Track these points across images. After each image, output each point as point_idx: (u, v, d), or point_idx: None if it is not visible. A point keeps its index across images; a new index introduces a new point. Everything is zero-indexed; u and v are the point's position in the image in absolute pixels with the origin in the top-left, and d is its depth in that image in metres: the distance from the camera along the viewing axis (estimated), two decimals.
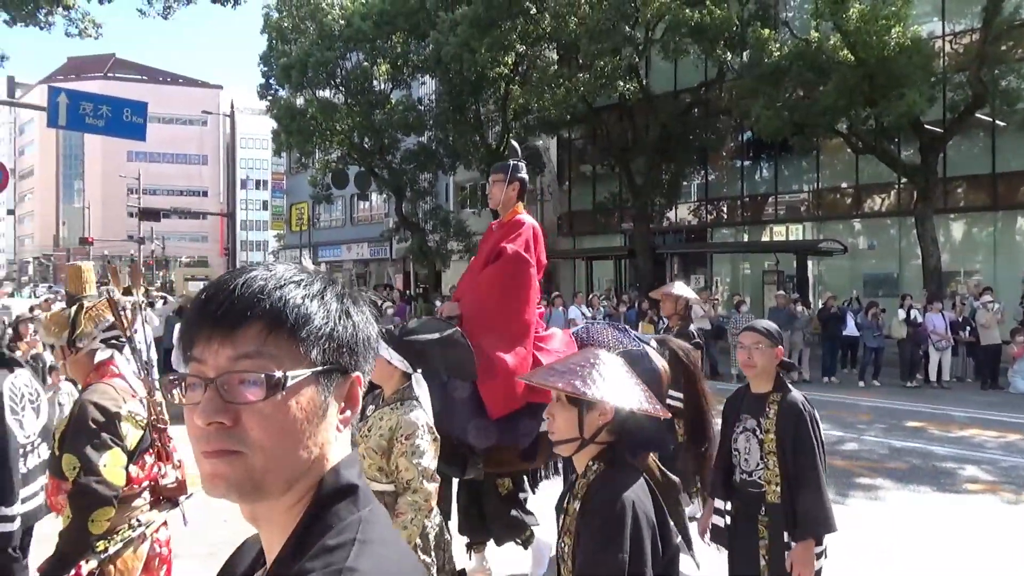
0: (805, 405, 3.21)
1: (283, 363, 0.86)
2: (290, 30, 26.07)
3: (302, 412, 0.86)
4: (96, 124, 16.81)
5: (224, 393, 0.84)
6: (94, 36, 19.58)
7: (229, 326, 0.85)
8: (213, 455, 0.84)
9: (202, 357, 0.86)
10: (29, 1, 16.41)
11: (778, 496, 3.19)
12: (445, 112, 25.17)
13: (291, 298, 0.87)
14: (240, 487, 0.84)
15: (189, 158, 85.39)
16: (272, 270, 0.90)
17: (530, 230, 4.46)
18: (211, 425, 0.84)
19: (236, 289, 0.87)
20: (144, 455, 2.80)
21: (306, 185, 32.16)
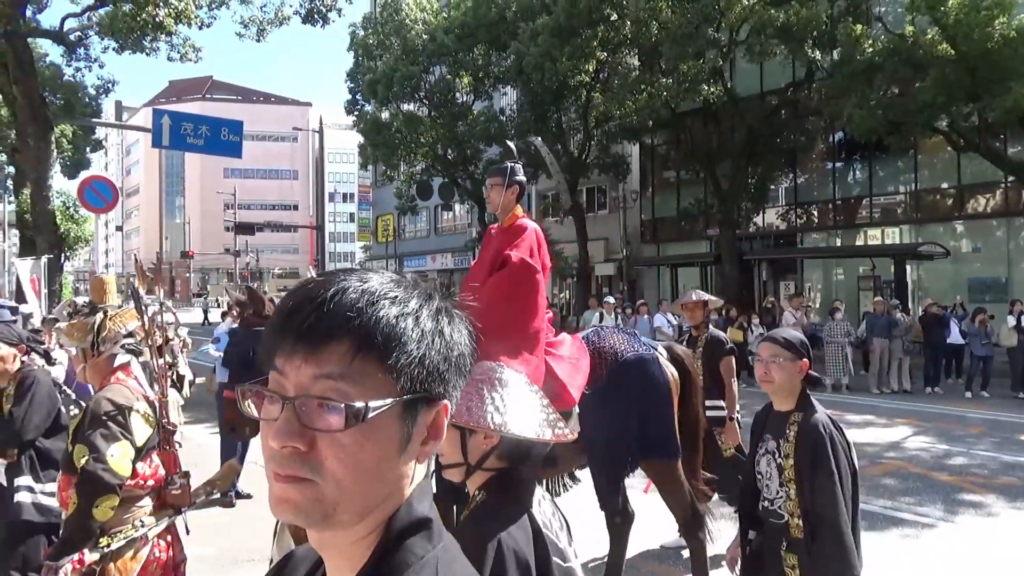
0: (827, 427, 2.82)
1: (367, 389, 0.79)
2: (376, 47, 26.77)
3: (382, 444, 0.80)
4: (196, 143, 17.65)
5: (302, 415, 0.78)
6: (194, 60, 20.66)
7: (314, 342, 0.78)
8: (284, 479, 0.78)
9: (284, 370, 0.80)
10: (136, 29, 17.41)
11: (801, 530, 2.85)
12: (526, 122, 25.31)
13: (383, 317, 0.80)
14: (309, 516, 0.79)
15: (281, 173, 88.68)
16: (366, 282, 0.82)
17: (532, 234, 4.32)
18: (285, 448, 0.78)
19: (326, 302, 0.80)
20: (152, 453, 2.88)
21: (391, 197, 32.90)
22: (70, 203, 30.13)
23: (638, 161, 27.76)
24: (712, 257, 23.97)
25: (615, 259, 27.98)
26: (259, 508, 6.67)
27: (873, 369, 14.52)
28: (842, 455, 2.80)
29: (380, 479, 0.81)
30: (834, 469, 2.75)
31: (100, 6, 18.01)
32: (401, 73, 24.71)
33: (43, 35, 18.78)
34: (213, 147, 17.95)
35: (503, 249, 4.23)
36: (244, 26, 19.64)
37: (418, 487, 0.87)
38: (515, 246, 4.24)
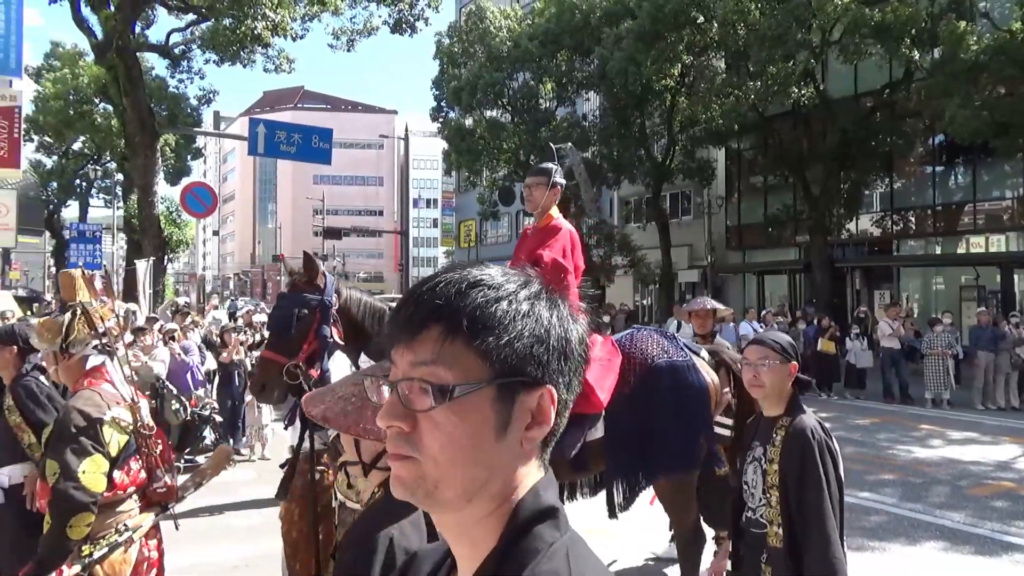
0: (816, 431, 2.68)
1: (459, 372, 0.82)
2: (460, 54, 27.18)
3: (476, 426, 0.83)
4: (289, 151, 18.31)
5: (403, 398, 0.84)
6: (288, 71, 21.50)
7: (411, 331, 0.85)
8: (393, 458, 0.85)
9: (394, 359, 0.87)
10: (235, 42, 18.22)
11: (780, 540, 2.70)
12: (609, 127, 25.19)
13: (471, 303, 0.84)
14: (415, 493, 0.84)
15: (367, 180, 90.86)
16: (468, 272, 0.87)
17: (567, 235, 4.26)
18: (391, 428, 0.85)
19: (423, 293, 0.86)
20: (130, 460, 2.77)
21: (474, 203, 33.25)
22: (173, 208, 31.86)
23: (724, 166, 27.18)
24: (801, 265, 23.21)
25: (699, 266, 27.47)
26: None
27: (978, 384, 13.74)
28: (830, 464, 2.65)
29: (477, 460, 0.83)
30: (822, 477, 2.60)
31: (202, 20, 18.94)
32: (485, 80, 24.99)
33: (151, 49, 19.89)
34: (305, 154, 18.57)
35: (536, 249, 4.18)
36: (335, 37, 20.30)
37: (545, 477, 0.88)
38: (548, 246, 4.18)
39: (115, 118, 25.79)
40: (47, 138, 34.81)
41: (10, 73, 21.95)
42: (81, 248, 27.60)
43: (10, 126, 21.21)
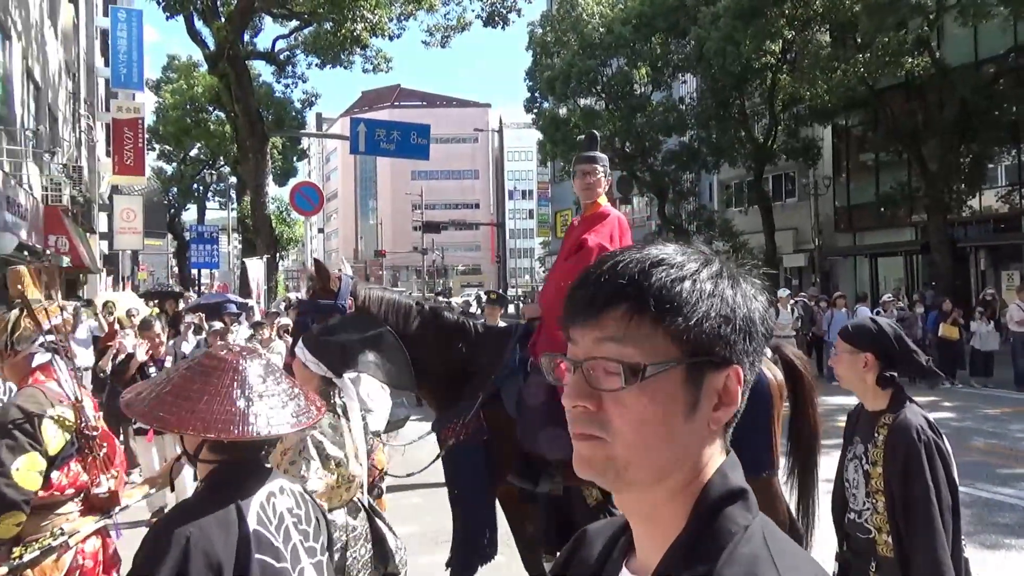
0: (923, 431, 2.42)
1: (647, 351, 0.82)
2: (553, 44, 27.12)
3: (666, 405, 0.82)
4: (389, 148, 18.81)
5: (588, 377, 0.83)
6: (385, 70, 22.07)
7: (595, 310, 0.84)
8: (579, 437, 0.84)
9: (575, 338, 0.86)
10: (336, 44, 18.85)
11: (889, 548, 2.49)
12: (707, 109, 24.57)
13: (656, 282, 0.83)
14: (603, 473, 0.83)
15: (463, 174, 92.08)
16: (648, 251, 0.87)
17: (615, 221, 4.12)
18: (576, 408, 0.84)
19: (606, 271, 0.85)
20: (70, 461, 2.64)
21: (570, 192, 33.13)
22: (283, 208, 33.35)
23: (830, 144, 26.01)
24: (918, 246, 21.96)
25: (805, 250, 26.46)
26: None
27: None
28: (939, 466, 2.41)
29: (668, 441, 0.83)
30: (929, 482, 2.37)
31: (305, 26, 19.68)
32: (578, 68, 24.85)
33: (258, 57, 20.84)
34: (404, 150, 19.04)
35: (583, 235, 4.08)
36: (430, 34, 20.67)
37: (730, 458, 0.88)
38: (594, 231, 4.07)
39: (228, 124, 27.19)
40: (167, 146, 37.12)
41: (133, 87, 23.49)
42: (200, 248, 29.27)
43: (135, 136, 22.72)
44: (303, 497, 1.80)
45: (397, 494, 6.93)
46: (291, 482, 1.82)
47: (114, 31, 22.14)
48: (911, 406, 2.53)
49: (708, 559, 0.79)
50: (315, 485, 2.60)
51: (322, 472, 2.65)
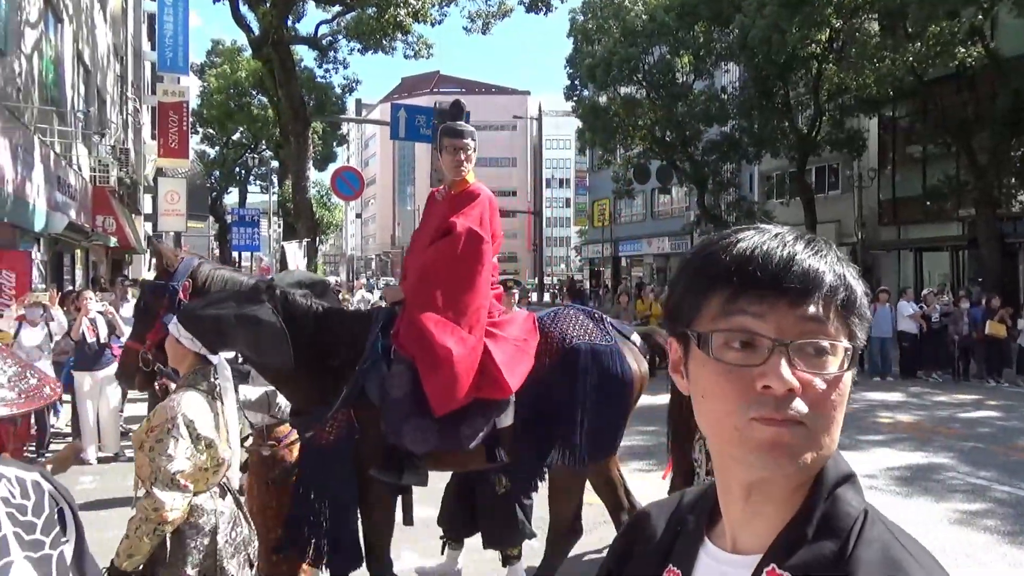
0: None
1: (843, 334, 0.81)
2: (595, 31, 26.89)
3: (846, 390, 0.82)
4: (428, 134, 18.83)
5: (795, 359, 0.79)
6: (426, 56, 22.08)
7: (801, 287, 0.80)
8: (782, 424, 0.79)
9: (760, 314, 0.80)
10: (378, 30, 18.92)
11: None
12: (750, 99, 24.17)
13: (844, 272, 0.84)
14: (799, 459, 0.80)
15: (500, 161, 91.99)
16: (819, 239, 0.86)
17: (486, 202, 3.91)
18: (781, 391, 0.78)
19: (799, 252, 0.82)
20: None
21: (608, 181, 32.98)
22: (323, 192, 33.70)
23: (876, 136, 25.43)
24: (965, 240, 21.41)
25: (848, 243, 25.95)
26: None
27: None
28: None
29: (839, 426, 0.83)
30: None
31: (348, 11, 19.78)
32: (620, 56, 24.61)
33: (301, 42, 20.99)
34: None
35: (450, 216, 3.86)
36: (471, 20, 20.61)
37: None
38: (463, 213, 3.85)
39: (270, 109, 27.51)
40: (211, 130, 37.71)
41: (178, 71, 23.89)
42: (241, 231, 29.72)
43: (180, 119, 23.13)
44: (35, 486, 1.62)
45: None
46: (23, 471, 1.65)
47: (160, 15, 22.52)
48: None
49: (834, 536, 0.80)
50: (182, 465, 2.54)
51: (191, 452, 2.59)
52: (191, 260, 3.72)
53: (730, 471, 0.85)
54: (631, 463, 7.78)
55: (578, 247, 65.77)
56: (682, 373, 0.89)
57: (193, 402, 2.68)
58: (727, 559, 0.88)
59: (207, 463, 2.66)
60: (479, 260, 3.77)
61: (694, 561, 0.91)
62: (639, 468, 7.66)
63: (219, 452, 2.70)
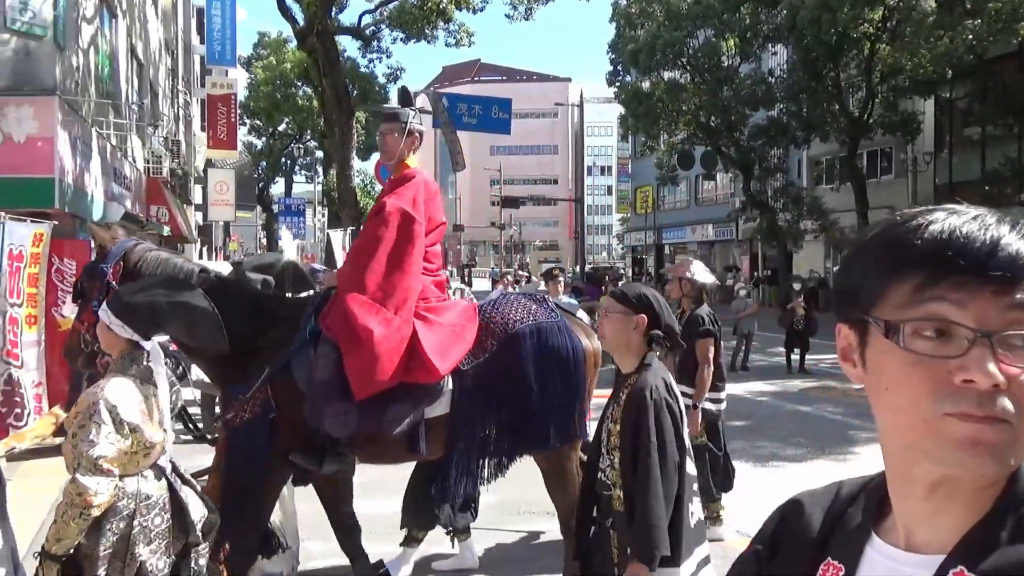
0: (656, 391, 2.50)
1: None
2: (638, 15, 26.55)
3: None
4: (471, 122, 18.87)
5: (1003, 351, 0.73)
6: (467, 44, 22.03)
7: (1005, 275, 0.74)
8: (986, 421, 0.73)
9: (962, 302, 0.75)
10: (420, 19, 18.96)
11: (621, 503, 2.58)
12: (798, 82, 23.64)
13: None
14: (1000, 460, 0.74)
15: (541, 149, 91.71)
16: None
17: (420, 184, 3.85)
18: (983, 386, 0.73)
19: (1004, 234, 0.76)
20: None
21: (651, 168, 32.63)
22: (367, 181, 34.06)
23: (932, 118, 24.67)
24: None
25: None
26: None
27: None
28: (667, 424, 2.47)
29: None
30: (653, 439, 2.43)
31: (390, 1, 19.86)
32: (664, 40, 24.27)
33: (345, 32, 21.14)
34: (485, 125, 19.07)
35: (383, 198, 3.86)
36: (513, 7, 20.50)
37: None
38: (395, 193, 3.82)
39: (315, 99, 27.81)
40: (257, 121, 38.29)
41: (226, 64, 24.30)
42: (288, 220, 30.20)
43: (228, 111, 23.53)
44: None
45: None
46: None
47: (209, 9, 22.90)
48: (653, 368, 2.59)
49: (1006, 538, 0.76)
50: (104, 450, 2.55)
51: (114, 437, 2.59)
52: (125, 242, 3.70)
53: (915, 465, 0.79)
54: None
55: (620, 235, 65.32)
56: (854, 362, 0.83)
57: (118, 387, 2.68)
58: (903, 557, 0.83)
59: (133, 447, 2.66)
60: (409, 240, 3.69)
61: (859, 556, 0.86)
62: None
63: (146, 436, 2.70)
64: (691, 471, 2.55)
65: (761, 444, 7.96)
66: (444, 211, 4.11)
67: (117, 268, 3.55)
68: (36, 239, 8.43)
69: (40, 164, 9.18)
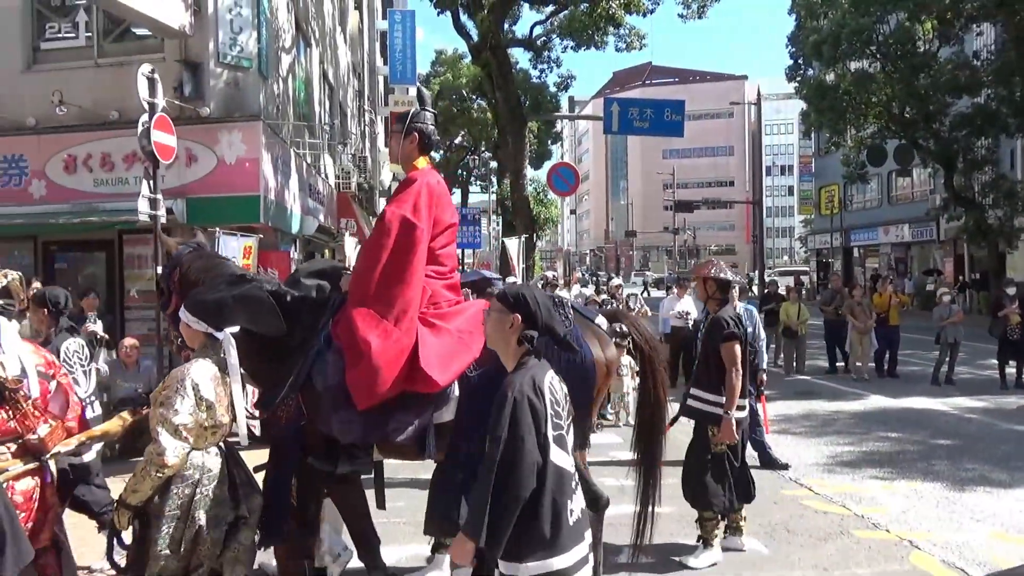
0: (519, 388, 2.46)
1: None
2: (820, 4, 25.01)
3: None
4: (642, 126, 18.64)
5: None
6: (638, 47, 21.84)
7: None
8: None
9: None
10: (590, 26, 19.04)
11: None
12: (1010, 63, 21.20)
13: None
14: None
15: (716, 150, 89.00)
16: None
17: (423, 187, 3.68)
18: None
19: None
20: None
21: (837, 166, 30.61)
22: (539, 189, 34.66)
23: None
24: None
25: None
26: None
27: None
28: (526, 422, 2.41)
29: None
30: (500, 434, 2.41)
31: (561, 10, 20.11)
32: (850, 28, 22.66)
33: (517, 44, 21.71)
34: (657, 128, 18.77)
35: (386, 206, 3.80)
36: (686, 6, 20.08)
37: None
38: (395, 199, 3.71)
39: (489, 111, 28.71)
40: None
41: (407, 82, 25.61)
42: (464, 230, 31.28)
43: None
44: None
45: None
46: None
47: (391, 32, 24.25)
48: (527, 367, 2.57)
49: None
50: (185, 419, 2.95)
51: (194, 409, 2.99)
52: (181, 251, 4.09)
53: None
54: (867, 469, 7.15)
55: (803, 237, 61.84)
56: None
57: (203, 368, 3.10)
58: None
59: (206, 423, 3.05)
60: (410, 248, 3.63)
61: None
62: (876, 476, 6.97)
63: (216, 415, 3.08)
64: (567, 468, 2.51)
65: (969, 467, 7.18)
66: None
67: (175, 274, 3.96)
68: (246, 251, 9.33)
69: (247, 183, 10.15)
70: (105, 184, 10.18)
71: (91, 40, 10.50)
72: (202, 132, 10.01)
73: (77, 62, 10.44)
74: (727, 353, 4.82)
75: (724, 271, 5.13)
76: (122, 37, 10.66)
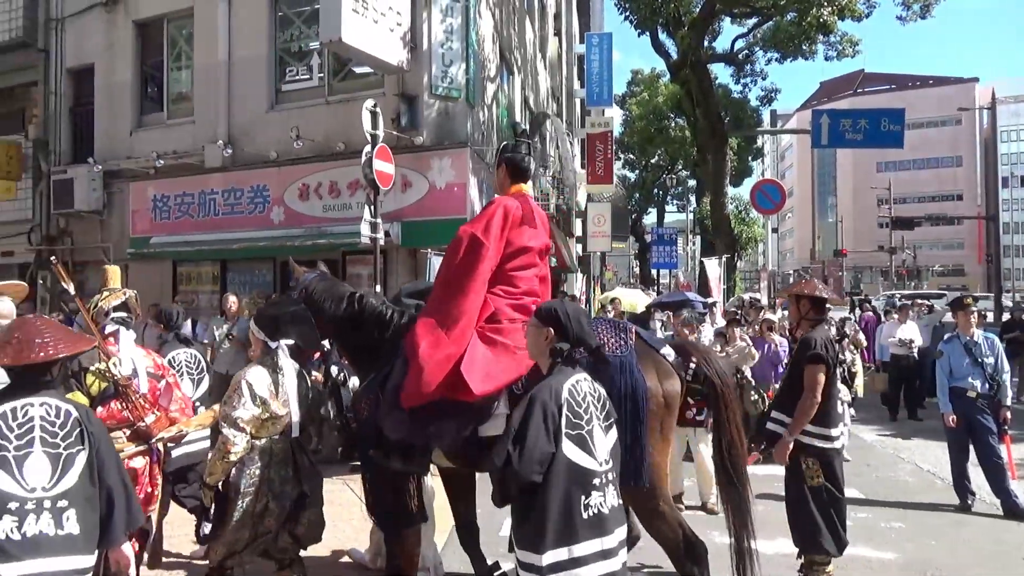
0: (543, 395, 2.69)
1: None
2: None
3: None
4: (855, 138, 17.46)
5: None
6: (851, 55, 20.49)
7: None
8: None
9: None
10: (798, 35, 18.14)
11: None
12: None
13: None
14: None
15: (940, 161, 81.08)
16: None
17: (499, 210, 3.91)
18: None
19: None
20: (111, 402, 3.71)
21: None
22: (741, 207, 33.44)
23: None
24: None
25: None
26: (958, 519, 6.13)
27: None
28: (537, 421, 2.63)
29: None
30: (511, 428, 2.67)
31: (765, 21, 19.35)
32: None
33: (718, 60, 21.17)
34: (873, 140, 17.52)
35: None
36: (905, 7, 18.57)
37: None
38: (472, 221, 4.02)
39: (687, 129, 28.22)
40: (631, 155, 40.10)
41: (604, 104, 25.84)
42: (660, 250, 30.89)
43: (605, 148, 24.94)
44: (65, 412, 2.71)
45: (877, 514, 6.39)
46: (59, 400, 2.73)
47: (588, 55, 24.62)
48: (555, 375, 2.77)
49: None
50: (242, 414, 3.66)
51: (250, 405, 3.68)
52: (306, 277, 4.54)
53: None
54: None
55: None
56: None
57: (256, 372, 3.78)
58: None
59: (263, 415, 3.71)
60: (474, 262, 3.85)
61: None
62: None
63: (271, 408, 3.73)
64: (586, 465, 2.66)
65: None
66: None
67: (301, 295, 4.46)
68: None
69: (455, 206, 10.70)
70: (332, 209, 11.18)
71: (323, 80, 11.62)
72: (416, 160, 10.71)
73: (311, 100, 11.59)
74: (808, 376, 4.53)
75: (820, 290, 4.82)
76: (347, 76, 11.70)
